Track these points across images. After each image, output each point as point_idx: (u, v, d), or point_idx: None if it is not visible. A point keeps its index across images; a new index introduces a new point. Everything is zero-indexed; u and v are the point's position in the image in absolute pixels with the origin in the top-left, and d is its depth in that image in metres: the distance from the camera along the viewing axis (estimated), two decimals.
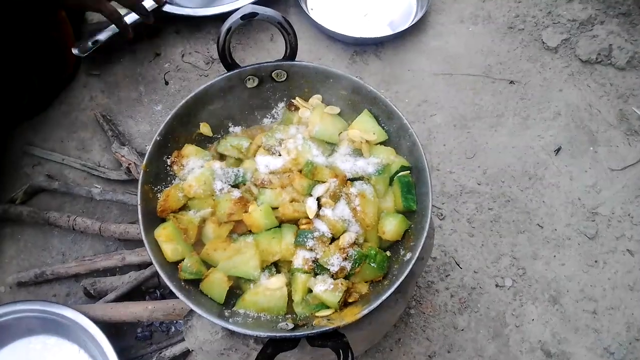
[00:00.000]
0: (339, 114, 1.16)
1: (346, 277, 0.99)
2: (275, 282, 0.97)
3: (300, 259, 0.99)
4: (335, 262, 0.97)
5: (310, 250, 0.99)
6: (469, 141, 1.67)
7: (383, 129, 1.14)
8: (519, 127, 1.70)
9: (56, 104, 1.69)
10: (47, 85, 1.62)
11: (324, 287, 0.95)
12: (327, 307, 0.96)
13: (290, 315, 0.99)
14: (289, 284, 0.99)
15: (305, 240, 0.99)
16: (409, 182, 1.07)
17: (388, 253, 1.04)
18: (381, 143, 1.14)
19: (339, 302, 0.94)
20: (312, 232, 0.99)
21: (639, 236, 1.51)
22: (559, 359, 1.36)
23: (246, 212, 1.01)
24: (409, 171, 1.09)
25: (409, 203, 1.05)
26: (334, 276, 0.98)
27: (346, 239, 0.99)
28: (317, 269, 0.99)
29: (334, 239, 1.02)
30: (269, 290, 0.96)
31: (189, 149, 1.12)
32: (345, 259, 0.97)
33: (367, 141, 1.11)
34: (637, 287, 1.45)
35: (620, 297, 1.44)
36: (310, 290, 0.98)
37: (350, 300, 0.98)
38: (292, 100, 1.17)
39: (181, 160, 1.10)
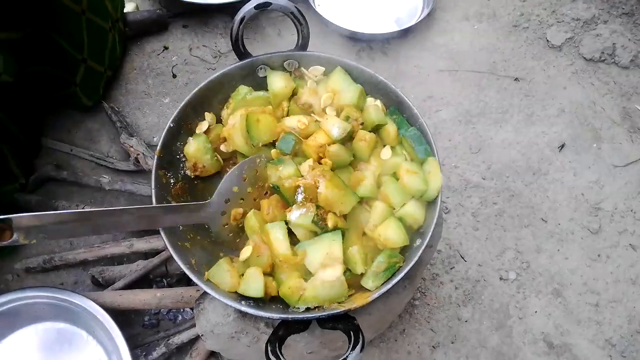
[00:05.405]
0: None
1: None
2: (332, 273, 0.94)
3: (294, 121, 1.08)
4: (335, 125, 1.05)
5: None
6: (474, 136, 1.69)
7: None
8: (523, 123, 1.72)
9: None
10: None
11: (298, 213, 0.97)
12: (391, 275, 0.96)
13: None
14: (345, 271, 0.97)
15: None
16: (416, 134, 1.07)
17: None
18: None
19: (312, 222, 0.96)
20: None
21: None
22: (561, 350, 1.37)
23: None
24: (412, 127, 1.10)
25: (422, 154, 1.05)
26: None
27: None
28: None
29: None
30: (327, 282, 0.93)
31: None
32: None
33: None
34: (639, 280, 1.46)
35: (623, 290, 1.45)
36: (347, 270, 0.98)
37: (329, 225, 0.98)
38: (302, 68, 1.18)
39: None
